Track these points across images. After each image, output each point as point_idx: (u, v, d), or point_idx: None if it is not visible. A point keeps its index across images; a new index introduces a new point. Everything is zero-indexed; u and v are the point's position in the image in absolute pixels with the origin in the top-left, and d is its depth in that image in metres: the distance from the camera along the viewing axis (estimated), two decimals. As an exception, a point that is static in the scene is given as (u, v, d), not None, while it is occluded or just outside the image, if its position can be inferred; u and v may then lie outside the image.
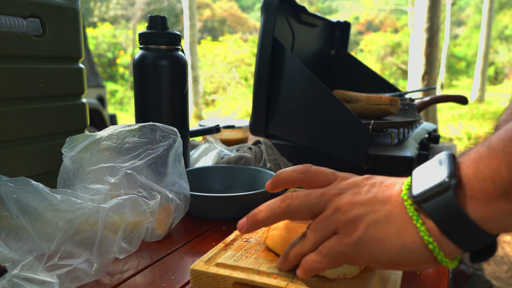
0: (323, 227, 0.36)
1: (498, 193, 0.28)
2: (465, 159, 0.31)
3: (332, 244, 0.35)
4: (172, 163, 0.56)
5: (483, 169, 0.29)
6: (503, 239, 2.79)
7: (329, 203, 0.36)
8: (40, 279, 0.39)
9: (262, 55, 0.90)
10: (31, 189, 0.45)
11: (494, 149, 0.29)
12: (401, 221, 0.32)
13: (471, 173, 0.30)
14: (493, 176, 0.28)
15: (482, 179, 0.29)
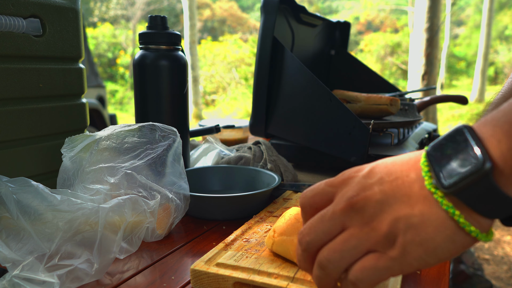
0: (352, 248, 0.31)
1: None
2: (489, 132, 0.28)
3: (373, 263, 0.31)
4: (171, 163, 0.56)
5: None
6: (503, 239, 2.79)
7: (347, 221, 0.32)
8: (41, 280, 0.39)
9: (262, 55, 0.90)
10: (31, 190, 0.45)
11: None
12: (437, 217, 0.29)
13: (506, 149, 0.27)
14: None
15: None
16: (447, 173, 0.29)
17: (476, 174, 0.27)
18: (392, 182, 0.31)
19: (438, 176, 0.29)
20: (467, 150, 0.28)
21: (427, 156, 0.30)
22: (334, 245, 0.32)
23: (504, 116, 0.28)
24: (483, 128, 0.28)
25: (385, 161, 0.34)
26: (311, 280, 0.40)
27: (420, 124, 1.17)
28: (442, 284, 0.44)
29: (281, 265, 0.43)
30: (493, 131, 0.28)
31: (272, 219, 0.57)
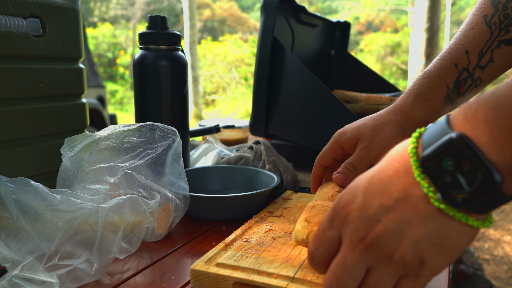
0: (388, 285, 0.32)
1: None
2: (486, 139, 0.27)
3: (412, 286, 0.32)
4: (171, 163, 0.56)
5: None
6: (503, 239, 2.79)
7: (370, 261, 0.32)
8: (40, 280, 0.39)
9: (262, 55, 0.90)
10: (30, 190, 0.45)
11: None
12: (452, 227, 0.30)
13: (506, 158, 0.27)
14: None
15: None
16: (455, 190, 0.29)
17: (490, 191, 0.28)
18: (395, 208, 0.31)
19: (446, 195, 0.29)
20: (473, 167, 0.28)
21: (423, 168, 0.30)
22: (370, 286, 0.32)
23: (499, 120, 0.27)
24: (477, 132, 0.28)
25: (372, 180, 0.33)
26: (311, 280, 0.40)
27: (420, 124, 1.17)
28: (442, 284, 0.44)
29: (281, 265, 0.43)
30: (492, 137, 0.27)
31: (272, 219, 0.57)
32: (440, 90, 0.54)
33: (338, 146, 0.56)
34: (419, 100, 0.54)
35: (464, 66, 0.53)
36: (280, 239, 0.50)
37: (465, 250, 2.35)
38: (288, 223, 0.55)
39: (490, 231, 2.92)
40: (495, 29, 0.52)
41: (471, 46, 0.53)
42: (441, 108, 0.54)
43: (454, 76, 0.53)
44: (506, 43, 0.52)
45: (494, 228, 2.97)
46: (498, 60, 0.53)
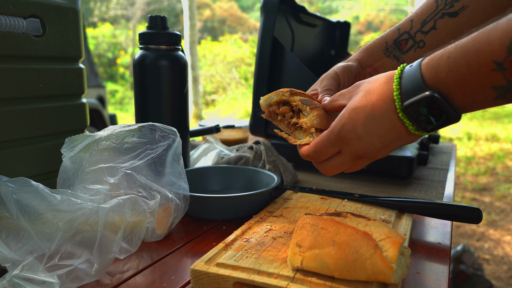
0: (348, 163, 0.51)
1: None
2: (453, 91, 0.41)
3: (360, 165, 0.52)
4: (171, 163, 0.56)
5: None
6: (503, 239, 2.78)
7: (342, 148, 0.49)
8: (41, 280, 0.39)
9: (262, 55, 0.90)
10: (31, 190, 0.45)
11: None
12: (415, 138, 0.47)
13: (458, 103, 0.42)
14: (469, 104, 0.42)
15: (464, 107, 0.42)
16: (427, 124, 0.43)
17: (450, 123, 0.43)
18: (386, 134, 0.46)
19: (417, 125, 0.44)
20: (441, 111, 0.42)
21: (405, 112, 0.44)
22: (337, 165, 0.51)
23: (453, 80, 0.40)
24: (441, 87, 0.41)
25: (368, 117, 0.46)
26: (311, 280, 0.40)
27: (420, 124, 1.17)
28: (442, 284, 0.44)
29: (281, 265, 0.43)
30: (447, 92, 0.41)
31: (272, 219, 0.57)
32: (379, 43, 0.67)
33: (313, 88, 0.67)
34: (361, 50, 0.68)
35: (406, 30, 0.65)
36: (280, 239, 0.50)
37: (464, 250, 2.34)
38: (288, 223, 0.55)
39: (490, 231, 2.92)
40: (440, 3, 0.62)
41: (416, 16, 0.64)
42: (381, 57, 0.66)
43: (394, 36, 0.65)
44: (449, 15, 0.61)
45: (494, 228, 2.97)
46: (441, 29, 0.62)
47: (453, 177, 0.89)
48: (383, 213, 0.59)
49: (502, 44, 0.36)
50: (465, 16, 0.61)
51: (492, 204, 3.50)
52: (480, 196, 3.73)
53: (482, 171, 4.50)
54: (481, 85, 0.39)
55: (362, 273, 0.38)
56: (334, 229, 0.41)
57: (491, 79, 0.38)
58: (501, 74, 0.37)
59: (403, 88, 0.44)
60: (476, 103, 0.41)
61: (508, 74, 0.37)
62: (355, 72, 0.64)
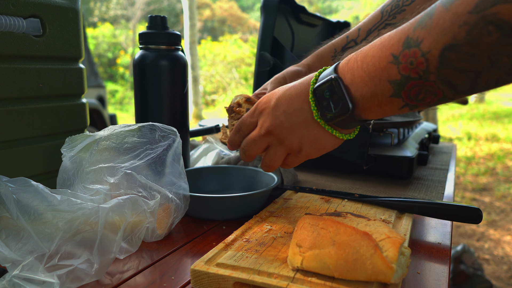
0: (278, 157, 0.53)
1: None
2: (351, 79, 0.44)
3: (292, 160, 0.54)
4: (171, 163, 0.56)
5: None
6: (503, 239, 2.79)
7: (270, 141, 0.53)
8: (41, 280, 0.39)
9: (262, 55, 0.90)
10: (31, 190, 0.45)
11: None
12: (324, 134, 0.49)
13: (357, 95, 0.44)
14: (368, 95, 0.43)
15: (364, 98, 0.44)
16: (327, 111, 0.46)
17: (345, 113, 0.45)
18: (293, 113, 0.49)
19: (321, 112, 0.47)
20: (338, 98, 0.44)
21: (313, 93, 0.47)
22: (267, 157, 0.54)
23: (358, 69, 0.43)
24: (346, 75, 0.44)
25: (285, 93, 0.50)
26: (311, 280, 0.40)
27: (420, 124, 1.17)
28: (442, 284, 0.44)
29: (281, 265, 0.43)
30: (353, 80, 0.43)
31: (272, 219, 0.57)
32: (328, 50, 0.72)
33: (263, 88, 0.73)
34: (312, 56, 0.74)
35: (353, 38, 0.70)
36: (280, 239, 0.50)
37: (464, 250, 2.34)
38: (288, 223, 0.55)
39: (490, 231, 2.92)
40: (385, 14, 0.67)
41: (363, 25, 0.70)
42: (329, 63, 0.70)
43: (342, 44, 0.71)
44: (391, 26, 0.67)
45: (494, 228, 2.97)
46: None
47: (453, 177, 0.89)
48: (383, 213, 0.59)
49: (399, 39, 0.39)
50: None
51: (492, 204, 3.50)
52: (480, 196, 3.73)
53: (482, 171, 4.50)
54: (379, 77, 0.41)
55: (362, 273, 0.38)
56: (334, 229, 0.41)
57: (388, 72, 0.40)
58: (396, 67, 0.39)
59: (321, 74, 0.47)
60: (374, 97, 0.42)
61: (401, 68, 0.39)
62: (303, 76, 0.69)
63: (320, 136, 0.48)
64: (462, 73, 0.36)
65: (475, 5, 0.33)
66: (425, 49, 0.37)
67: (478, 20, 0.33)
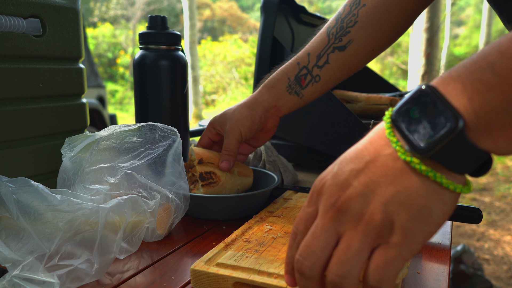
0: (357, 253, 0.30)
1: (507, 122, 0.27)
2: (456, 91, 0.28)
3: (384, 258, 0.30)
4: (171, 163, 0.56)
5: (486, 101, 0.27)
6: (503, 239, 2.79)
7: (340, 227, 0.31)
8: (41, 280, 0.39)
9: (262, 55, 0.90)
10: (31, 190, 0.45)
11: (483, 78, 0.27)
12: (420, 185, 0.29)
13: (478, 106, 0.27)
14: (499, 107, 0.27)
15: (487, 112, 0.27)
16: (420, 138, 0.28)
17: (452, 134, 0.27)
18: (365, 170, 0.30)
19: (410, 142, 0.29)
20: (437, 112, 0.28)
21: (393, 123, 0.30)
22: (338, 258, 0.30)
23: (471, 74, 0.28)
24: (448, 86, 0.28)
25: (346, 154, 0.33)
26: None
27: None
28: (442, 284, 0.44)
29: (281, 265, 0.43)
30: (463, 89, 0.28)
31: (272, 219, 0.57)
32: (282, 80, 0.67)
33: (211, 128, 0.71)
34: (265, 88, 0.68)
35: (305, 65, 0.66)
36: (280, 239, 0.50)
37: (464, 250, 2.34)
38: (288, 223, 0.55)
39: (490, 231, 2.92)
40: (332, 37, 0.65)
41: (312, 50, 0.66)
42: (284, 95, 0.67)
43: (295, 71, 0.67)
44: (339, 49, 0.65)
45: (494, 228, 2.97)
46: (333, 63, 0.65)
47: (453, 177, 0.89)
48: (383, 213, 0.59)
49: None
50: (352, 49, 0.64)
51: (492, 204, 3.50)
52: (480, 196, 3.73)
53: (482, 171, 4.50)
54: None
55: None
56: None
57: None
58: None
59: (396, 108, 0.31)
60: (510, 108, 0.27)
61: None
62: (256, 117, 0.66)
63: (417, 190, 0.29)
64: None
65: None
66: None
67: None
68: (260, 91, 0.69)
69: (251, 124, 0.66)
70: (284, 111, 0.69)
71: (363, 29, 0.63)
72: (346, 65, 0.65)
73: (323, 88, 0.67)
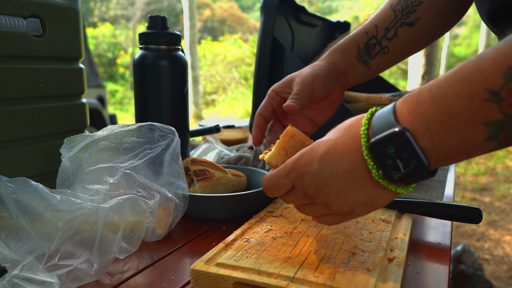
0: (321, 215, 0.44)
1: None
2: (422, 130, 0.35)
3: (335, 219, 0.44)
4: (169, 163, 0.56)
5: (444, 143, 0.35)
6: (503, 239, 2.79)
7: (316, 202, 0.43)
8: (40, 280, 0.39)
9: (262, 55, 0.90)
10: (30, 189, 0.45)
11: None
12: (384, 195, 0.40)
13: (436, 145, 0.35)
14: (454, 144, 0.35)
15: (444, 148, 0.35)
16: (394, 171, 0.37)
17: (420, 173, 0.36)
18: (344, 175, 0.40)
19: (386, 173, 0.37)
20: (409, 155, 0.36)
21: (371, 151, 0.38)
22: (306, 212, 0.45)
23: (434, 115, 0.35)
24: (415, 124, 0.36)
25: (329, 151, 0.41)
26: (311, 280, 0.40)
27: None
28: (442, 284, 0.44)
29: (281, 265, 0.43)
30: (427, 129, 0.35)
31: (272, 219, 0.57)
32: (352, 47, 0.66)
33: (274, 93, 0.64)
34: (335, 51, 0.66)
35: (373, 35, 0.66)
36: (280, 239, 0.50)
37: (464, 250, 2.33)
38: (288, 223, 0.55)
39: (490, 231, 2.92)
40: (398, 13, 0.65)
41: (380, 23, 0.66)
42: (354, 62, 0.66)
43: (364, 40, 0.66)
44: (407, 25, 0.65)
45: (494, 228, 2.97)
46: (402, 37, 0.66)
47: (453, 177, 0.89)
48: (383, 213, 0.59)
49: (496, 70, 0.31)
50: (420, 27, 0.65)
51: (492, 204, 3.50)
52: (480, 196, 3.73)
53: (482, 171, 4.50)
54: (472, 120, 0.33)
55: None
56: None
57: (484, 113, 0.32)
58: (497, 105, 0.32)
59: (373, 124, 0.38)
60: (462, 145, 0.34)
61: (505, 106, 0.32)
62: (328, 77, 0.62)
63: (378, 195, 0.40)
64: None
65: None
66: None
67: None
68: (330, 54, 0.66)
69: (325, 79, 0.61)
70: (351, 80, 0.66)
71: (429, 8, 0.64)
72: (415, 40, 0.66)
73: (391, 61, 0.67)
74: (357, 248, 0.47)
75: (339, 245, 0.48)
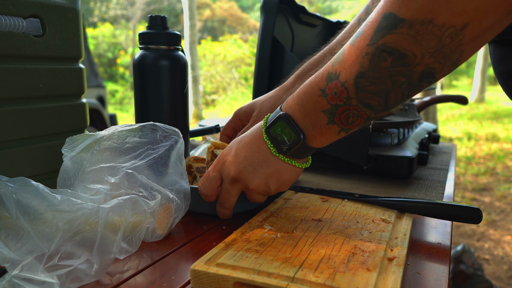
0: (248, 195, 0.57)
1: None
2: (297, 113, 0.50)
3: (258, 197, 0.57)
4: (173, 163, 0.56)
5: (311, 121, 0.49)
6: (503, 239, 2.79)
7: (239, 185, 0.55)
8: (40, 280, 0.39)
9: (262, 55, 0.90)
10: (31, 189, 0.45)
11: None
12: (285, 167, 0.53)
13: (307, 125, 0.49)
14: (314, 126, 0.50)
15: (309, 128, 0.50)
16: (282, 145, 0.51)
17: (298, 143, 0.50)
18: (253, 156, 0.53)
19: (278, 147, 0.51)
20: (290, 131, 0.50)
21: (266, 133, 0.52)
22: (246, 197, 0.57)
23: (298, 106, 0.49)
24: (291, 110, 0.50)
25: (241, 141, 0.54)
26: (311, 280, 0.40)
27: (420, 124, 1.17)
28: (442, 284, 0.44)
29: (281, 265, 0.43)
30: (299, 113, 0.49)
31: (272, 219, 0.57)
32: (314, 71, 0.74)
33: (237, 119, 0.76)
34: (298, 79, 0.74)
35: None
36: (280, 239, 0.50)
37: (464, 250, 2.34)
38: (288, 223, 0.55)
39: (490, 231, 2.92)
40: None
41: (345, 40, 0.71)
42: None
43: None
44: None
45: (494, 228, 2.97)
46: None
47: (453, 177, 0.89)
48: (383, 213, 0.59)
49: (323, 75, 0.47)
50: None
51: (492, 204, 3.50)
52: (480, 196, 3.73)
53: (482, 171, 4.51)
54: (314, 109, 0.48)
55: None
56: None
57: (320, 104, 0.47)
58: (325, 99, 0.46)
59: (269, 116, 0.53)
60: (315, 126, 0.49)
61: (329, 98, 0.46)
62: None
63: (282, 169, 0.53)
64: (375, 95, 0.43)
65: (370, 39, 0.41)
66: (342, 80, 0.44)
67: (374, 50, 0.41)
68: (293, 82, 0.73)
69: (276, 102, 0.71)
70: None
71: None
72: None
73: None
74: (357, 248, 0.47)
75: (339, 245, 0.48)
